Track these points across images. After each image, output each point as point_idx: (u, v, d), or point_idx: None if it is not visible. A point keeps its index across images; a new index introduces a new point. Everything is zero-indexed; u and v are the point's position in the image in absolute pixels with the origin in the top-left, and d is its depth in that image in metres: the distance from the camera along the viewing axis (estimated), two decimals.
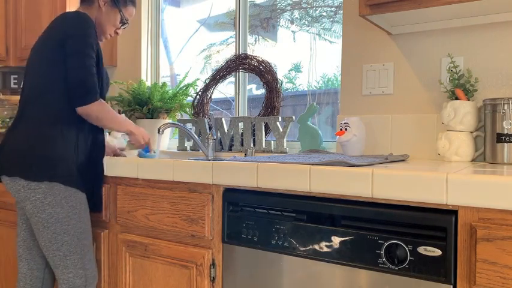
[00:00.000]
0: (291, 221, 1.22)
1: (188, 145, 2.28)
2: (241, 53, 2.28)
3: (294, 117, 1.96)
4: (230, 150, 2.11)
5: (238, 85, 2.34)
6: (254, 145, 2.03)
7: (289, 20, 2.35)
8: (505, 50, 1.53)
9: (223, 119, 2.14)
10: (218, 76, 2.26)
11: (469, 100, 1.50)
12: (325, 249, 1.16)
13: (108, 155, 1.79)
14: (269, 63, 2.10)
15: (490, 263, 0.94)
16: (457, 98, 1.51)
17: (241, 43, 2.32)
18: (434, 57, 1.66)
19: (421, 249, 1.02)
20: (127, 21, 1.74)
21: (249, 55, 2.17)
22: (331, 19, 2.20)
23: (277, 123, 1.97)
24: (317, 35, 2.24)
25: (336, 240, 1.14)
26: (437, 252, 1.00)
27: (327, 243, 1.16)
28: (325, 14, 2.22)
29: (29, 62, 1.61)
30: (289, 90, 2.35)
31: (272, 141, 2.01)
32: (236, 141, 2.09)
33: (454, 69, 1.56)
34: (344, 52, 1.86)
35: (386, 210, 1.08)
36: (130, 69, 2.62)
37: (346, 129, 1.56)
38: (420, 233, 1.03)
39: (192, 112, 2.33)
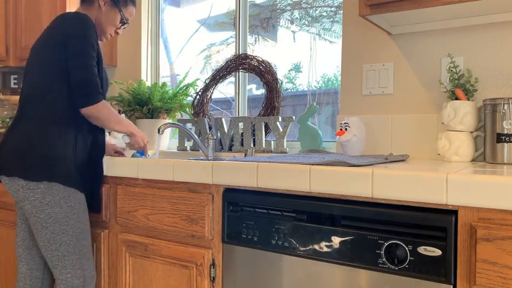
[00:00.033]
0: (291, 221, 1.22)
1: (188, 145, 2.28)
2: (241, 53, 2.28)
3: (294, 117, 1.96)
4: (230, 150, 2.11)
5: (238, 85, 2.34)
6: (254, 145, 2.03)
7: (289, 20, 2.35)
8: (505, 50, 1.53)
9: (223, 119, 2.14)
10: (218, 76, 2.26)
11: (469, 100, 1.50)
12: (325, 249, 1.16)
13: (109, 154, 1.79)
14: (269, 63, 2.10)
15: (490, 263, 0.94)
16: (457, 98, 1.51)
17: (241, 43, 2.32)
18: (434, 57, 1.66)
19: (421, 249, 1.02)
20: (127, 21, 1.74)
21: (249, 55, 2.17)
22: (331, 19, 2.20)
23: (277, 123, 1.97)
24: (317, 35, 2.24)
25: (336, 240, 1.14)
26: (437, 252, 1.00)
27: (327, 243, 1.16)
28: (325, 14, 2.22)
29: (28, 61, 1.61)
30: (289, 90, 2.35)
31: (272, 141, 2.01)
32: (236, 141, 2.08)
33: (454, 69, 1.56)
34: (344, 52, 1.86)
35: (386, 210, 1.08)
36: (130, 69, 2.62)
37: (346, 129, 1.56)
38: (420, 233, 1.03)
39: (192, 112, 2.33)
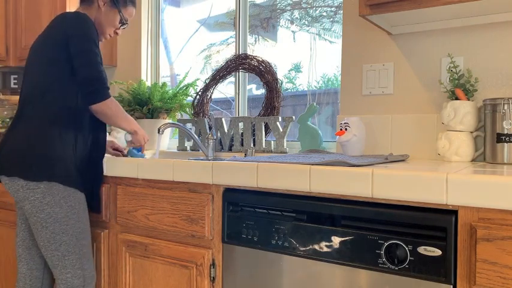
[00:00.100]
0: (291, 221, 1.22)
1: (188, 145, 2.28)
2: (241, 53, 2.28)
3: (294, 117, 1.96)
4: (230, 150, 2.11)
5: (238, 85, 2.34)
6: (254, 145, 2.03)
7: (289, 20, 2.35)
8: (505, 50, 1.53)
9: (223, 119, 2.14)
10: (218, 76, 2.26)
11: (469, 100, 1.50)
12: (325, 249, 1.16)
13: (107, 152, 1.78)
14: (269, 63, 2.10)
15: (490, 263, 0.94)
16: (457, 98, 1.51)
17: (241, 43, 2.32)
18: (434, 57, 1.66)
19: (421, 249, 1.02)
20: (126, 21, 1.74)
21: (249, 55, 2.17)
22: (331, 19, 2.20)
23: (277, 123, 1.97)
24: (317, 35, 2.24)
25: (336, 240, 1.14)
26: (437, 252, 1.00)
27: (327, 243, 1.16)
28: (325, 14, 2.22)
29: (28, 61, 1.61)
30: (289, 90, 2.35)
31: (272, 141, 2.01)
32: (236, 141, 2.08)
33: (454, 69, 1.56)
34: (344, 52, 1.86)
35: (386, 210, 1.08)
36: (130, 69, 2.62)
37: (346, 129, 1.56)
38: (420, 233, 1.03)
39: (192, 112, 2.33)
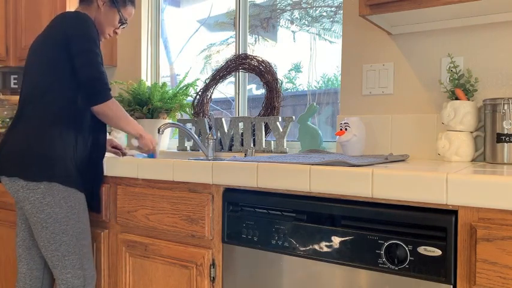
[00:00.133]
0: (291, 221, 1.22)
1: (188, 145, 2.28)
2: (241, 53, 2.28)
3: (294, 117, 1.96)
4: (230, 150, 2.11)
5: (238, 85, 2.34)
6: (254, 145, 2.03)
7: (289, 20, 2.35)
8: (505, 50, 1.53)
9: (223, 119, 2.14)
10: (218, 76, 2.26)
11: (469, 100, 1.50)
12: (325, 249, 1.16)
13: (107, 150, 1.77)
14: (269, 63, 2.10)
15: (490, 263, 0.94)
16: (457, 98, 1.51)
17: (241, 43, 2.32)
18: (434, 57, 1.66)
19: (421, 249, 1.02)
20: (126, 21, 1.73)
21: (249, 55, 2.17)
22: (331, 19, 2.20)
23: (277, 123, 1.97)
24: (317, 35, 2.24)
25: (336, 240, 1.14)
26: (437, 252, 1.00)
27: (327, 243, 1.16)
28: (325, 14, 2.22)
29: (27, 61, 1.60)
30: (289, 90, 2.35)
31: (272, 141, 2.01)
32: (236, 141, 2.08)
33: (454, 69, 1.56)
34: (344, 52, 1.86)
35: (386, 210, 1.08)
36: (130, 69, 2.62)
37: (346, 129, 1.56)
38: (420, 233, 1.03)
39: (192, 112, 2.33)
